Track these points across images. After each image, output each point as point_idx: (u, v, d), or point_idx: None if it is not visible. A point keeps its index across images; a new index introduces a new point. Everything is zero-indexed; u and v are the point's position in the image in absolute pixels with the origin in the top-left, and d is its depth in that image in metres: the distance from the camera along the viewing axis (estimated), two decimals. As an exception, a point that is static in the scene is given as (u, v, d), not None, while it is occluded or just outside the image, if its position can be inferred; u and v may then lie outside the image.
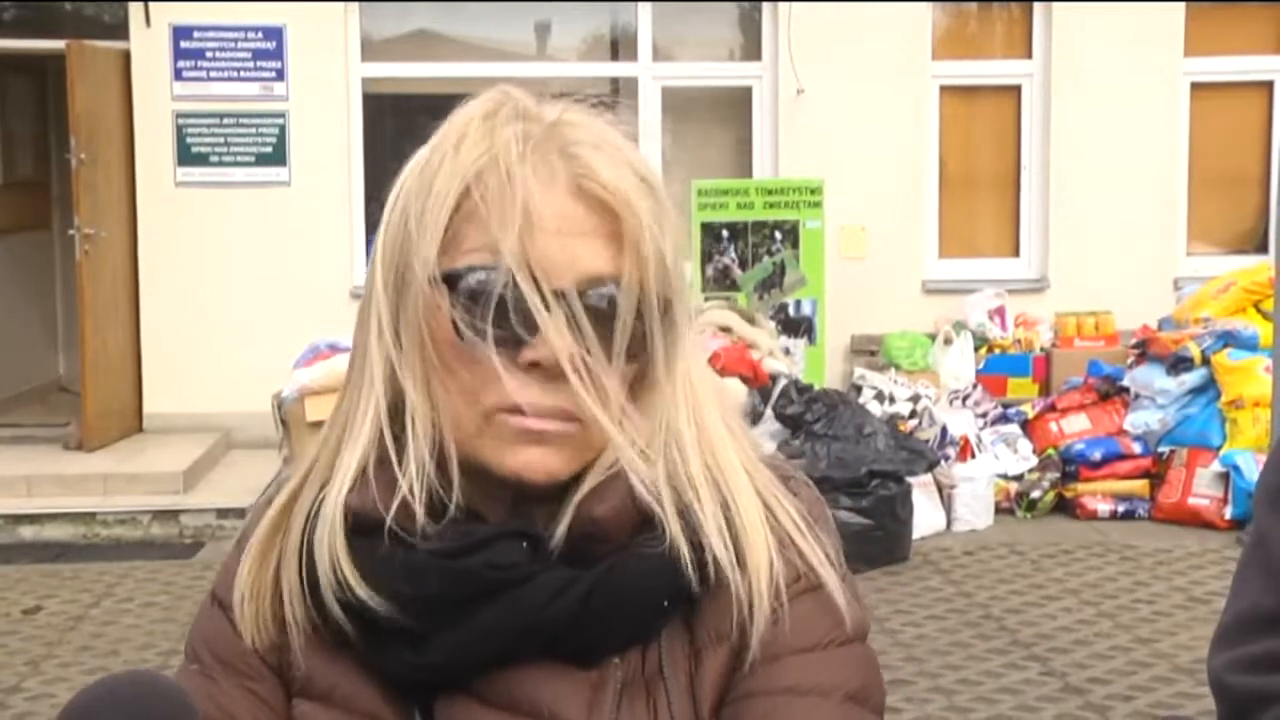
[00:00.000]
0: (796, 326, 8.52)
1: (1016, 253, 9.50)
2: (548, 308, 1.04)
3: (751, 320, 7.93)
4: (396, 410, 1.12)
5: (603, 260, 1.06)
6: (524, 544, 1.09)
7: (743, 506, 1.11)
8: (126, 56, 8.87)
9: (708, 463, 1.12)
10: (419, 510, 1.09)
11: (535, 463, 1.08)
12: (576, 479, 1.10)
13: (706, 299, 8.28)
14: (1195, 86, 9.40)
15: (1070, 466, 7.55)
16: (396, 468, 1.10)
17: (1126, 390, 7.85)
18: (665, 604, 1.09)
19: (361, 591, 1.08)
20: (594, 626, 1.08)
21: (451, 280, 1.07)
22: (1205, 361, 7.53)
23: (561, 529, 1.08)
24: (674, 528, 1.08)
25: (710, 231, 8.51)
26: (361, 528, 1.10)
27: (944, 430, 7.45)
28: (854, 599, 1.14)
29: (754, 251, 8.52)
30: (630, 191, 1.07)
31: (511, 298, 1.05)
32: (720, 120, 9.60)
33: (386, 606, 1.08)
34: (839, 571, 1.14)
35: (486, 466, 1.09)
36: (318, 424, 7.91)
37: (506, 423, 1.07)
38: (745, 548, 1.10)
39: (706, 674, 1.10)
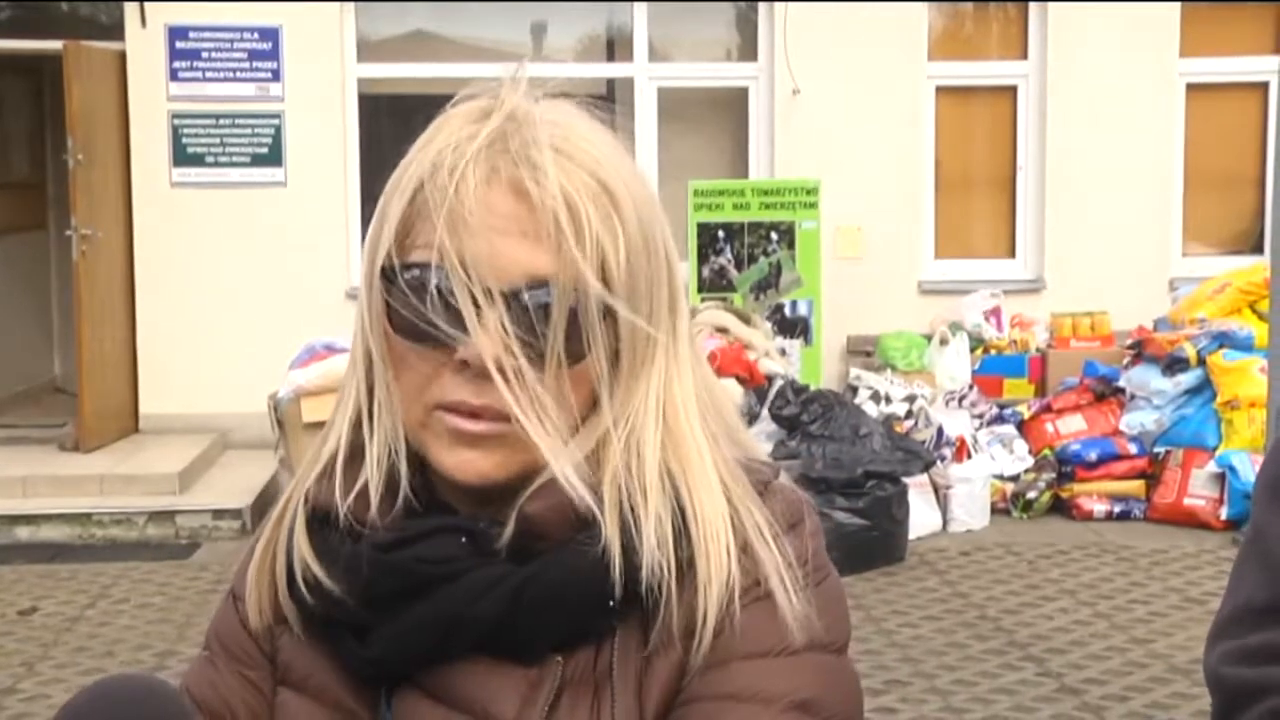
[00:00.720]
0: (793, 327, 8.53)
1: (1012, 253, 9.51)
2: (478, 307, 1.05)
3: (747, 321, 7.93)
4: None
5: (540, 262, 1.06)
6: (463, 539, 1.10)
7: (703, 511, 1.10)
8: (122, 57, 8.86)
9: (670, 466, 1.11)
10: (374, 502, 1.11)
11: (467, 464, 1.09)
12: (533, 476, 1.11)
13: (702, 299, 8.28)
14: (1191, 87, 9.41)
15: (1066, 467, 7.55)
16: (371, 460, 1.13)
17: (1122, 391, 7.86)
18: (611, 604, 1.08)
19: (311, 582, 1.12)
20: (528, 623, 1.08)
21: (391, 275, 1.08)
22: (1201, 362, 7.53)
23: (508, 526, 1.09)
24: (610, 530, 1.07)
25: (706, 232, 8.51)
26: (323, 519, 1.13)
27: (940, 431, 7.45)
28: (826, 608, 1.12)
29: (750, 252, 8.52)
30: (576, 193, 1.06)
31: (444, 296, 1.05)
32: (716, 121, 9.61)
33: (332, 598, 1.11)
34: (807, 580, 1.11)
35: (430, 463, 1.11)
36: (314, 425, 7.92)
37: (442, 420, 1.08)
38: (698, 553, 1.09)
39: (655, 677, 1.09)
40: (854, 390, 8.01)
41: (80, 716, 1.06)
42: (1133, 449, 7.54)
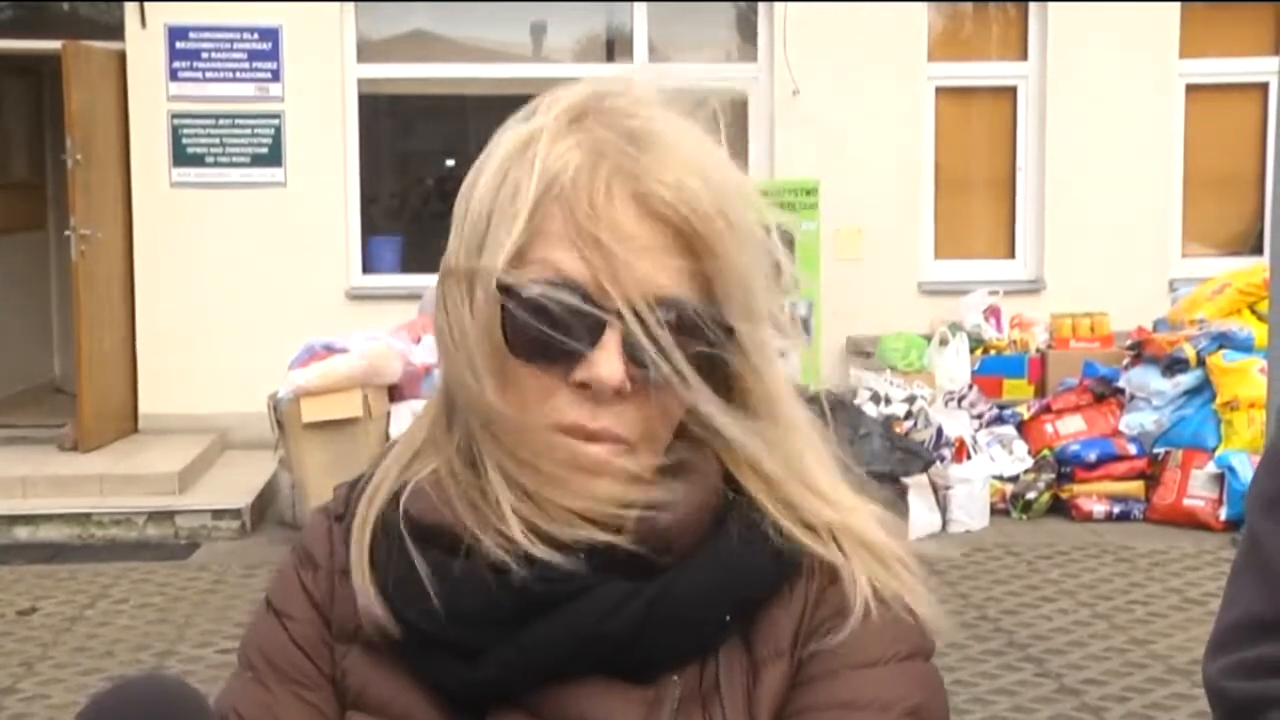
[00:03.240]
0: (792, 328, 8.51)
1: (1012, 254, 9.51)
2: (602, 327, 1.01)
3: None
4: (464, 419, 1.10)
5: (666, 279, 1.02)
6: (581, 555, 1.05)
7: (817, 517, 1.10)
8: (122, 57, 8.87)
9: (796, 470, 1.11)
10: (496, 520, 1.07)
11: (582, 490, 1.05)
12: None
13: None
14: (1190, 88, 9.42)
15: (1066, 468, 7.55)
16: (468, 476, 1.09)
17: (1122, 391, 7.86)
18: (728, 619, 1.07)
19: (415, 602, 1.07)
20: (652, 641, 1.05)
21: (510, 292, 1.03)
22: (1200, 363, 7.53)
23: (625, 540, 1.05)
24: (739, 540, 1.07)
25: (706, 233, 8.49)
26: (423, 536, 1.08)
27: (939, 431, 7.45)
28: (919, 615, 1.13)
29: (750, 253, 8.51)
30: (702, 209, 1.02)
31: (566, 314, 1.01)
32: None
33: (439, 618, 1.06)
34: (913, 583, 1.12)
35: (540, 492, 1.06)
36: (313, 425, 7.89)
37: (556, 445, 1.04)
38: (814, 559, 1.09)
39: (765, 689, 1.08)
40: (854, 391, 8.01)
41: (103, 714, 1.05)
42: (1132, 450, 7.54)
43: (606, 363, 1.01)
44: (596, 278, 1.01)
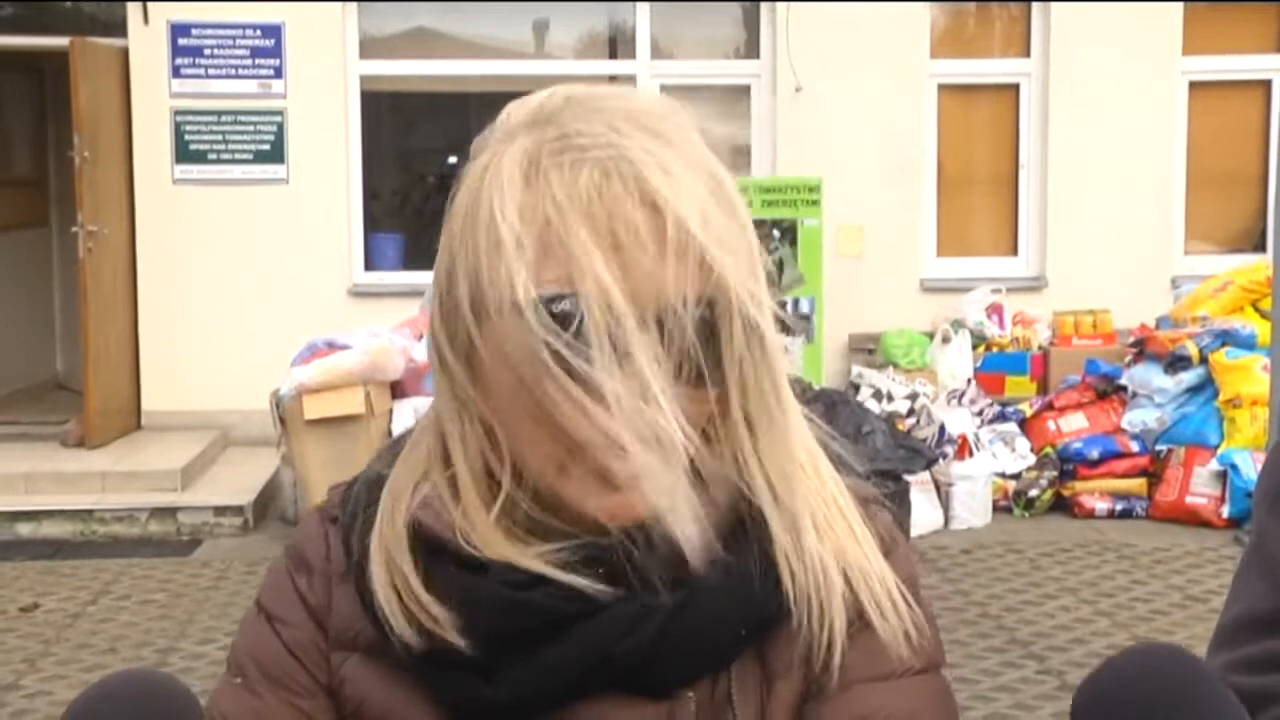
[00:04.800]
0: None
1: (1014, 251, 9.50)
2: (633, 335, 0.96)
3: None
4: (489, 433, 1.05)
5: (684, 283, 0.97)
6: (600, 571, 1.03)
7: (825, 530, 1.08)
8: (125, 54, 8.87)
9: (803, 481, 1.09)
10: (488, 529, 1.05)
11: (622, 509, 1.00)
12: None
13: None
14: (1193, 85, 9.41)
15: (1068, 465, 7.55)
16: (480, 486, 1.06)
17: (1124, 389, 7.86)
18: (743, 633, 1.05)
19: (426, 617, 1.04)
20: (666, 660, 1.03)
21: (538, 307, 0.97)
22: (1203, 360, 7.53)
23: (639, 556, 1.03)
24: (758, 555, 1.05)
25: (708, 230, 8.48)
26: (433, 547, 1.06)
27: (942, 429, 7.45)
28: (926, 628, 1.11)
29: (752, 250, 8.50)
30: (708, 211, 1.00)
31: (596, 326, 0.95)
32: (718, 118, 9.60)
33: (451, 635, 1.03)
34: (915, 599, 1.11)
35: (568, 507, 1.03)
36: (315, 421, 7.87)
37: (588, 460, 0.99)
38: (820, 575, 1.07)
39: (778, 703, 1.07)
40: (856, 388, 8.01)
41: (89, 711, 1.05)
42: (1134, 447, 7.53)
43: (649, 368, 0.96)
44: (618, 286, 0.96)
